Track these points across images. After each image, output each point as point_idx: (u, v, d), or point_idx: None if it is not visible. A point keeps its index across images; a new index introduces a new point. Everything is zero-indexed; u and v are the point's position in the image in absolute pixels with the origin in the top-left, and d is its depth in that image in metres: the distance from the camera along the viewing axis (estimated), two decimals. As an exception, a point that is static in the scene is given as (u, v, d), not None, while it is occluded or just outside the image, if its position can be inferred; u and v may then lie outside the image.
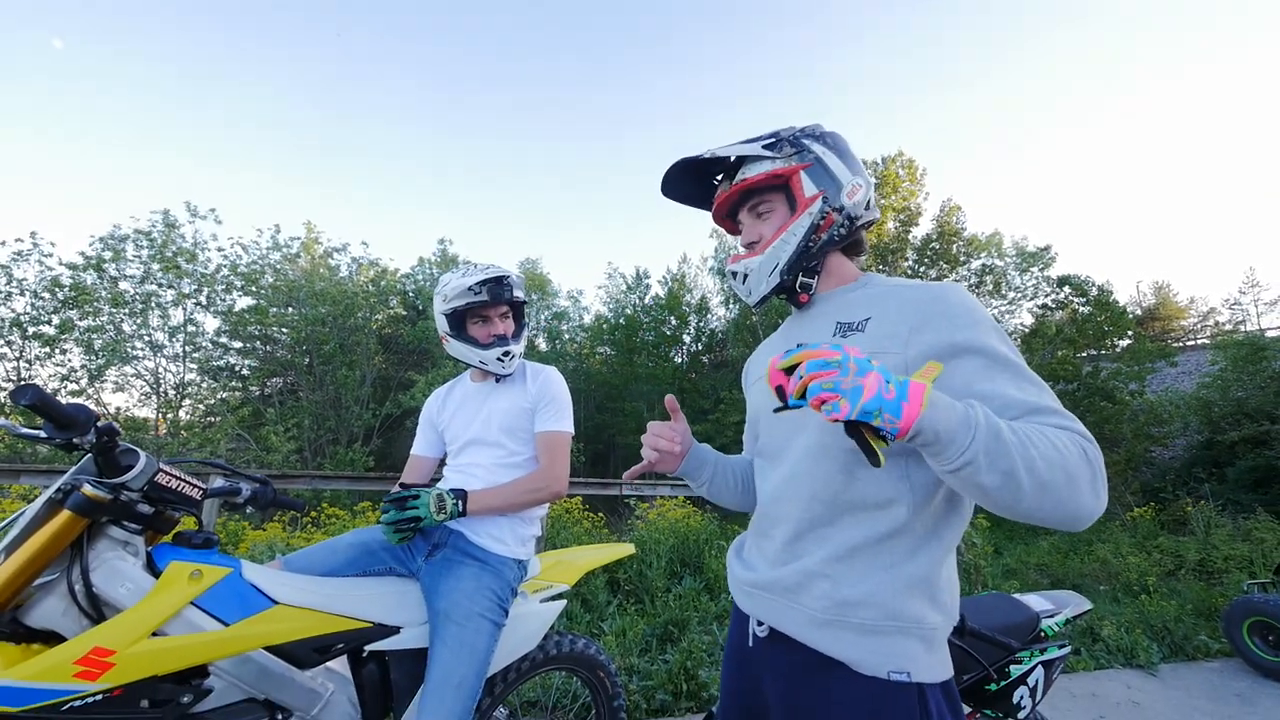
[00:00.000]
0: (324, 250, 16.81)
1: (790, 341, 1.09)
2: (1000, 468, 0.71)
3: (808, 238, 1.02)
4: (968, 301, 0.90)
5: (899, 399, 0.70)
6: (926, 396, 0.71)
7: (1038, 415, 0.79)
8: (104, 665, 1.02)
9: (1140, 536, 7.44)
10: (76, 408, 1.04)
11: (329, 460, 13.67)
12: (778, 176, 1.03)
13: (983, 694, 1.47)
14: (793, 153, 1.03)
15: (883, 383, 0.71)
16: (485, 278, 1.70)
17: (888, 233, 17.54)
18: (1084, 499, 0.74)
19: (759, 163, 1.04)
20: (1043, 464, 0.72)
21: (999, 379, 0.83)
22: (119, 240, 11.56)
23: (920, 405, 0.71)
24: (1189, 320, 30.28)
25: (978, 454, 0.71)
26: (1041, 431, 0.75)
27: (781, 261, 1.03)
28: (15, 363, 10.67)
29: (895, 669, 0.84)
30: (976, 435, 0.71)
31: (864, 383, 0.70)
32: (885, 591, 0.87)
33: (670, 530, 5.02)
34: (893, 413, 0.70)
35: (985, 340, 0.86)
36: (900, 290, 0.96)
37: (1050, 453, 0.73)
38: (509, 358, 1.74)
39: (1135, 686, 3.38)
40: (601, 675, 1.89)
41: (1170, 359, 13.47)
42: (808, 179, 1.02)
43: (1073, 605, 1.78)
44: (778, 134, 1.06)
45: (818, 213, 1.01)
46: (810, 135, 1.05)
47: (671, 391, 19.46)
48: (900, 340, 0.90)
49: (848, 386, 0.70)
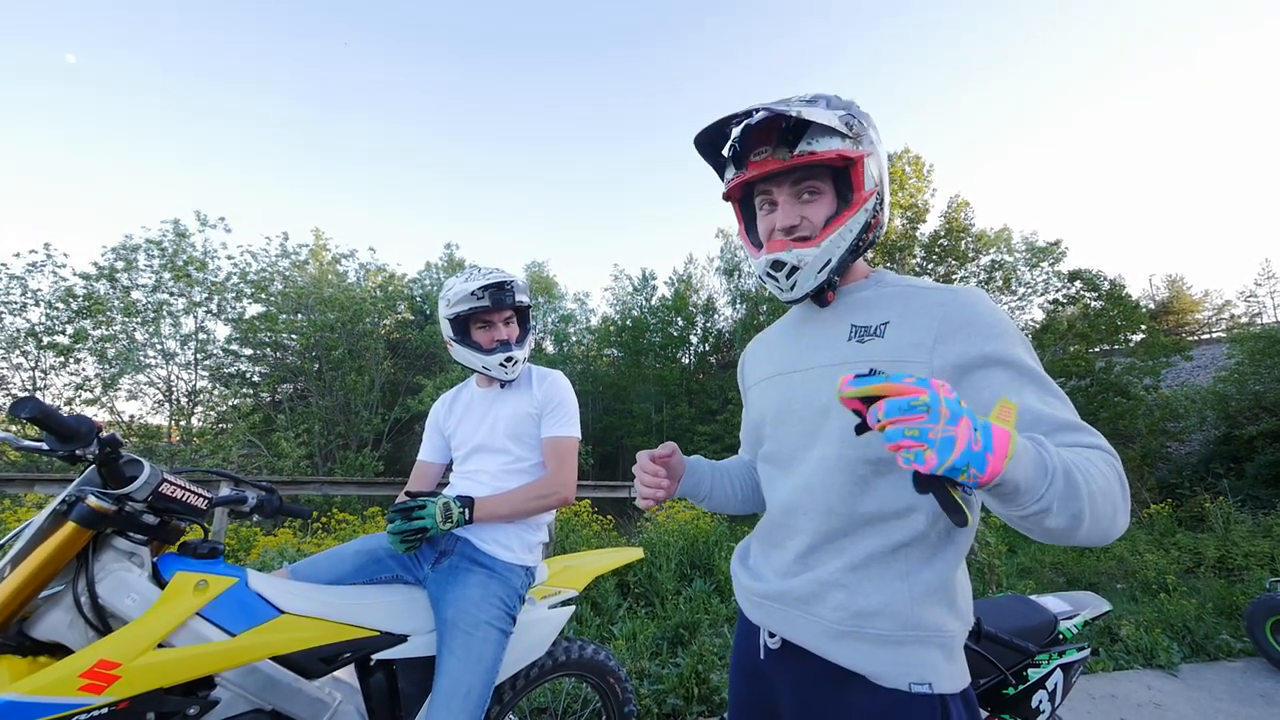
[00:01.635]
0: (332, 256, 16.95)
1: (802, 340, 1.03)
2: (1070, 510, 0.67)
3: (860, 235, 0.93)
4: (995, 310, 0.86)
5: (985, 449, 0.61)
6: (1013, 447, 0.63)
7: (1067, 433, 0.76)
8: (109, 678, 1.02)
9: (1158, 534, 7.32)
10: (78, 419, 1.04)
11: (339, 465, 13.75)
12: (845, 159, 0.89)
13: (1000, 698, 1.45)
14: (860, 133, 0.91)
15: (972, 431, 0.61)
16: (488, 283, 1.69)
17: (895, 229, 17.43)
18: (1120, 521, 0.73)
19: (829, 137, 0.89)
20: (1101, 499, 0.69)
21: (1026, 393, 0.80)
22: (131, 250, 11.72)
23: (1005, 457, 0.62)
24: (1204, 313, 29.89)
25: (1053, 501, 0.66)
26: (1090, 460, 0.72)
27: (834, 258, 0.93)
28: (31, 372, 10.82)
29: (916, 680, 0.82)
30: (1053, 483, 0.66)
31: (956, 433, 0.60)
32: (903, 600, 0.84)
33: (680, 532, 5.00)
34: (979, 467, 0.60)
35: (1012, 351, 0.82)
36: (921, 294, 0.91)
37: (1102, 483, 0.70)
38: (512, 363, 1.72)
39: (1156, 687, 3.32)
40: (611, 681, 1.88)
41: (1185, 353, 13.31)
42: (869, 169, 0.91)
43: (1091, 606, 1.75)
44: (844, 105, 0.93)
45: (871, 210, 0.93)
46: (864, 116, 0.93)
47: (679, 393, 19.56)
48: (925, 349, 0.85)
49: (937, 437, 0.59)
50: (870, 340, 0.90)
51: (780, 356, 1.07)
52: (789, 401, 1.00)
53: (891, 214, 15.39)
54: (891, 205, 9.26)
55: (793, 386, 1.01)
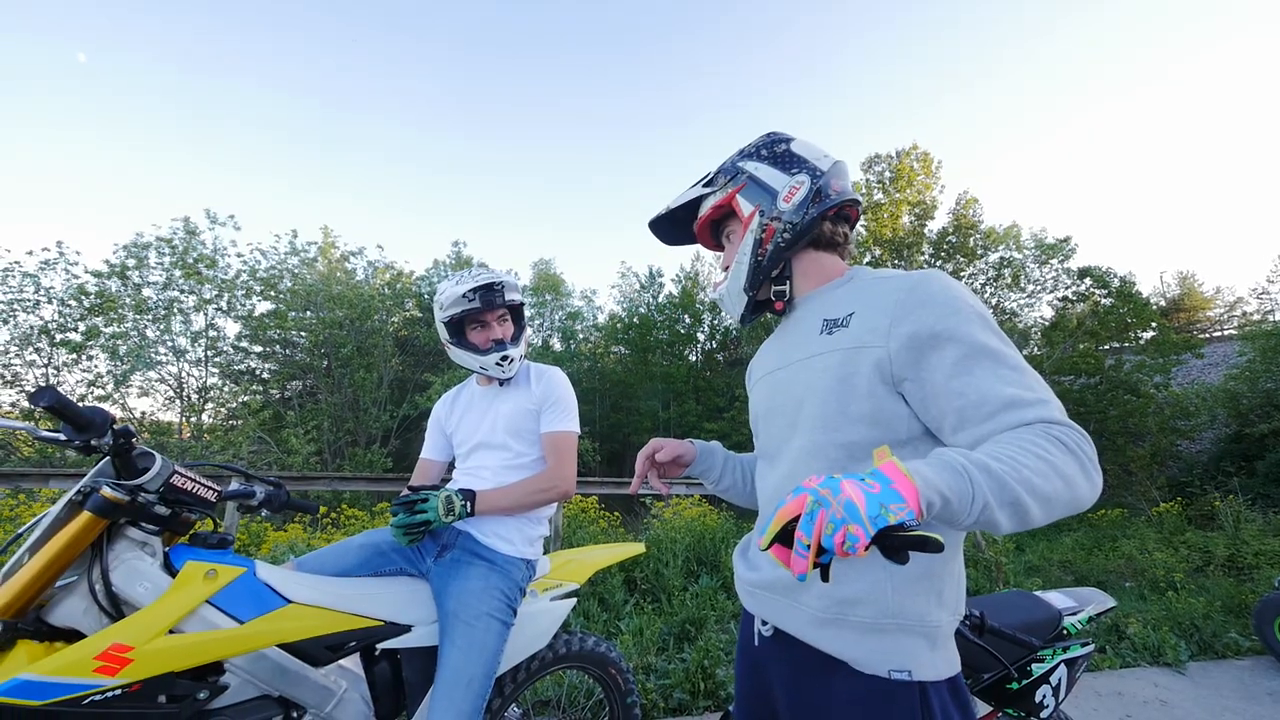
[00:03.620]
0: (340, 254, 17.04)
1: (785, 340, 1.11)
2: (1007, 499, 0.69)
3: (755, 253, 1.05)
4: (950, 289, 0.89)
5: (885, 484, 0.64)
6: (903, 468, 0.66)
7: (1014, 410, 0.78)
8: (122, 661, 1.05)
9: (1167, 532, 7.28)
10: (94, 410, 1.07)
11: (348, 462, 13.85)
12: (720, 208, 1.10)
13: (1004, 693, 1.45)
14: (727, 180, 1.09)
15: (859, 484, 0.64)
16: (477, 284, 1.70)
17: (903, 227, 17.34)
18: (1081, 491, 0.74)
19: (706, 200, 1.12)
20: (1039, 480, 0.70)
21: (977, 370, 0.82)
22: (142, 248, 11.83)
23: (906, 477, 0.65)
24: (1215, 310, 29.53)
25: (986, 498, 0.68)
26: (1020, 443, 0.73)
27: (742, 282, 1.07)
28: (44, 369, 10.94)
29: (895, 667, 0.83)
30: (973, 479, 0.68)
31: (849, 496, 0.63)
32: (885, 588, 0.86)
33: (686, 529, 5.01)
34: (895, 500, 0.63)
35: (963, 328, 0.84)
36: (883, 281, 0.96)
37: (1038, 464, 0.71)
38: (508, 361, 1.74)
39: (1163, 685, 3.31)
40: (613, 672, 1.89)
41: (1196, 350, 13.18)
42: (743, 200, 1.06)
43: (1096, 602, 1.75)
44: (720, 167, 1.13)
45: (758, 227, 1.04)
46: (746, 155, 1.10)
47: (686, 390, 19.57)
48: (881, 333, 0.89)
49: (841, 514, 0.62)
50: (837, 331, 0.96)
51: (769, 358, 1.15)
52: (773, 397, 1.08)
53: (898, 210, 15.25)
54: (899, 202, 9.23)
55: (777, 383, 1.08)
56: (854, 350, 0.91)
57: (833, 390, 0.91)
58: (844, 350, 0.92)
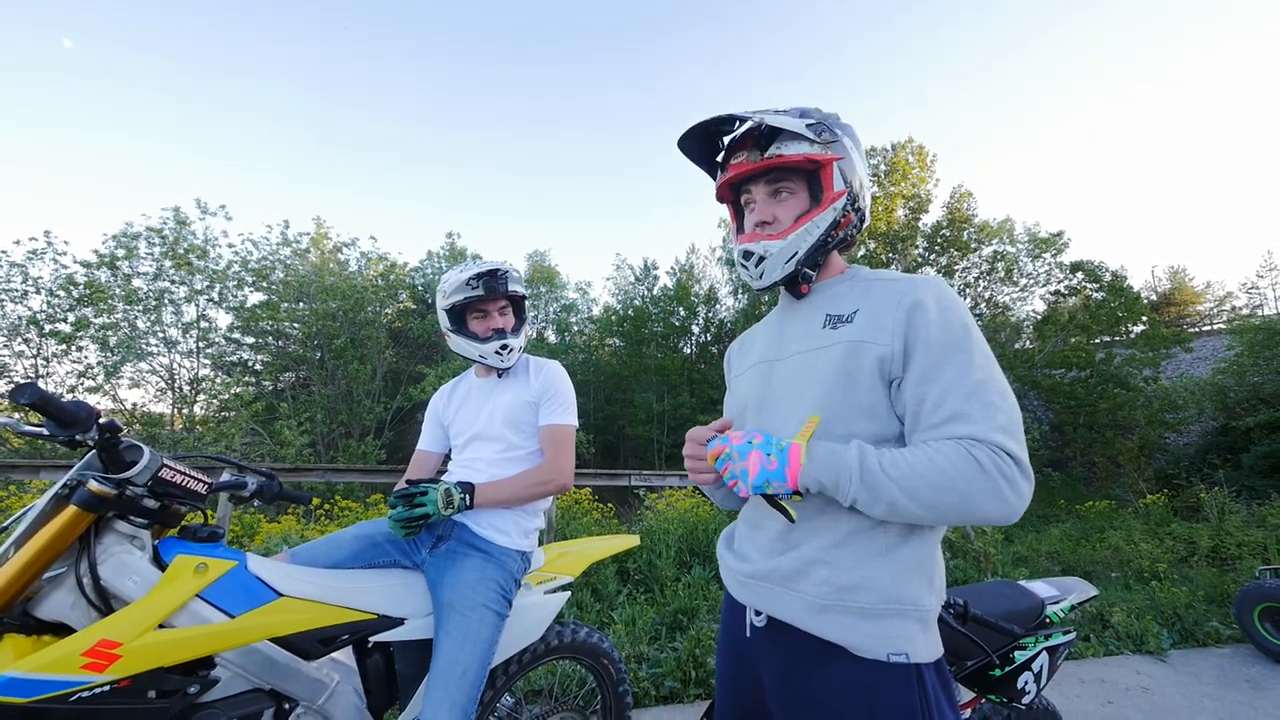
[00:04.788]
0: (333, 245, 16.89)
1: (784, 331, 1.11)
2: (883, 499, 0.83)
3: (828, 232, 1.01)
4: (942, 299, 0.93)
5: (781, 466, 0.88)
6: (803, 455, 0.87)
7: (956, 423, 0.84)
8: (111, 657, 1.04)
9: (1153, 523, 7.37)
10: (77, 404, 1.06)
11: (342, 454, 13.81)
12: (813, 162, 0.98)
13: (987, 679, 1.47)
14: (831, 140, 1.00)
15: (764, 458, 0.89)
16: (481, 271, 1.72)
17: (898, 220, 17.35)
18: (985, 507, 0.80)
19: (797, 142, 0.99)
20: (926, 490, 0.81)
21: (942, 378, 0.87)
22: (131, 238, 11.70)
23: (799, 464, 0.87)
24: (1205, 305, 29.78)
25: (858, 494, 0.84)
26: (931, 457, 0.82)
27: (800, 251, 1.02)
28: (33, 360, 10.84)
29: (894, 650, 0.86)
30: (852, 479, 0.84)
31: (747, 465, 0.90)
32: (884, 575, 0.89)
33: (679, 520, 5.04)
34: (778, 479, 0.87)
35: (945, 338, 0.89)
36: (885, 284, 0.99)
37: (935, 477, 0.80)
38: (508, 351, 1.75)
39: (1145, 673, 3.36)
40: (605, 662, 1.91)
41: (1185, 344, 13.29)
42: (839, 172, 1.00)
43: (1078, 591, 1.78)
44: (817, 115, 1.02)
45: (841, 209, 1.01)
46: (841, 127, 1.03)
47: (681, 382, 19.60)
48: (886, 332, 0.93)
49: (738, 471, 0.91)
50: (842, 326, 0.98)
51: (764, 347, 1.15)
52: (771, 387, 1.07)
53: (893, 204, 15.24)
54: (894, 196, 9.22)
55: (773, 373, 1.08)
56: (857, 344, 0.94)
57: (837, 383, 0.94)
58: (848, 344, 0.95)
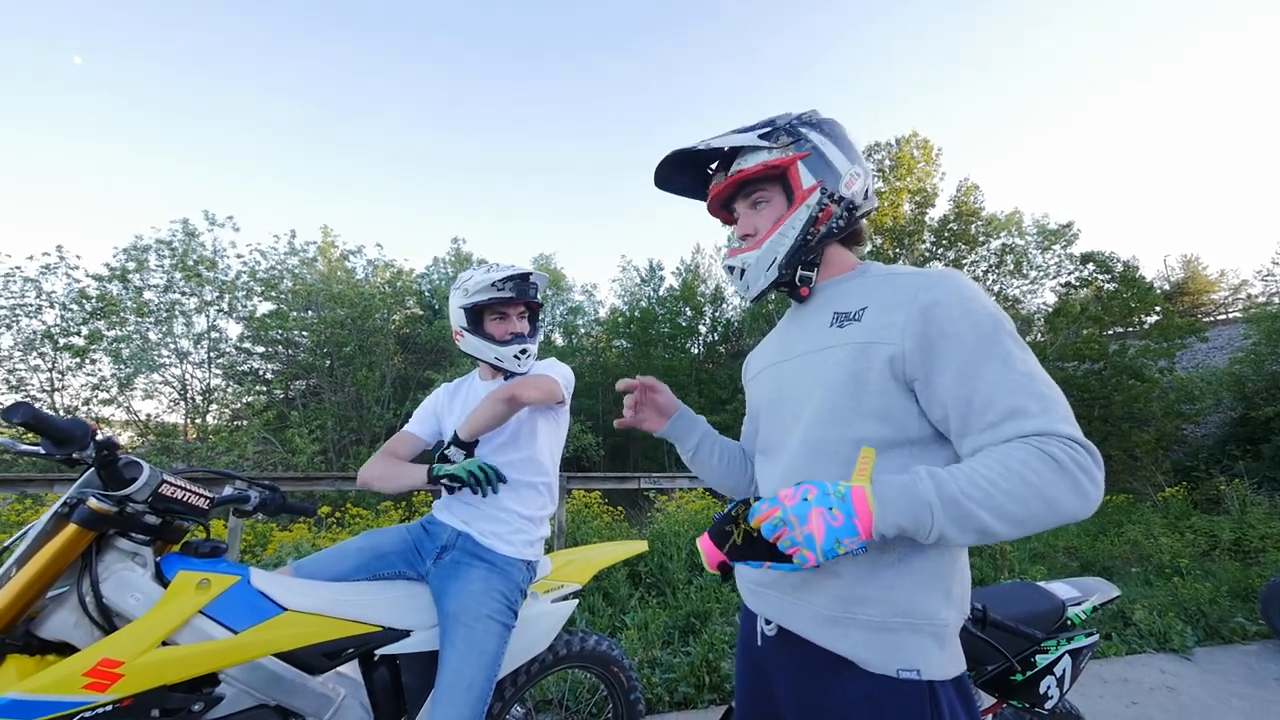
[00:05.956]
0: (340, 253, 17.02)
1: (791, 333, 1.08)
2: (971, 527, 0.74)
3: (806, 230, 0.99)
4: (964, 290, 0.86)
5: (848, 518, 0.75)
6: (871, 501, 0.76)
7: (1015, 420, 0.78)
8: (113, 676, 1.03)
9: (1172, 517, 7.24)
10: (73, 422, 1.05)
11: (353, 460, 13.86)
12: (774, 168, 0.99)
13: (1008, 684, 1.44)
14: (789, 142, 0.99)
15: (826, 514, 0.75)
16: (513, 274, 1.72)
17: (904, 215, 17.22)
18: (1067, 508, 0.74)
19: (755, 153, 1.01)
20: (1013, 505, 0.73)
21: (984, 375, 0.81)
22: (141, 250, 11.84)
23: (869, 513, 0.75)
24: (1220, 294, 29.31)
25: (944, 529, 0.74)
26: (1007, 464, 0.74)
27: (779, 256, 1.00)
28: (49, 373, 10.97)
29: (904, 666, 0.82)
30: (934, 514, 0.74)
31: (810, 529, 0.75)
32: (895, 587, 0.85)
33: (690, 522, 5.01)
34: (849, 535, 0.75)
35: (975, 331, 0.83)
36: (897, 279, 0.93)
37: (1019, 488, 0.73)
38: (526, 355, 1.75)
39: (1169, 671, 3.29)
40: (616, 670, 1.88)
41: (1201, 334, 13.06)
42: (805, 169, 0.98)
43: (1100, 592, 1.74)
44: (773, 122, 1.02)
45: (816, 204, 0.98)
46: (807, 123, 1.01)
47: (689, 383, 19.54)
48: (896, 330, 0.87)
49: (799, 538, 0.76)
50: (849, 325, 0.94)
51: (774, 350, 1.12)
52: (780, 390, 1.05)
53: (898, 199, 15.07)
54: (899, 190, 9.12)
55: (782, 375, 1.05)
56: (866, 345, 0.89)
57: (844, 385, 0.90)
58: (856, 344, 0.90)
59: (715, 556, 0.83)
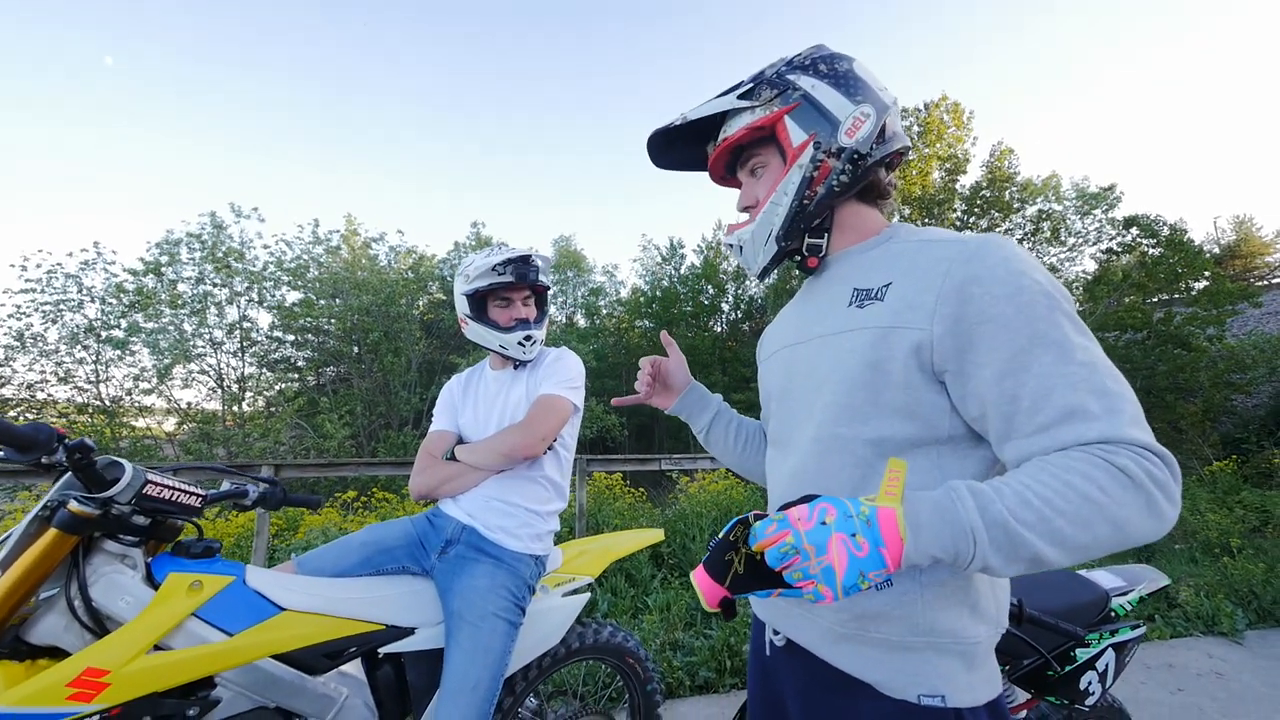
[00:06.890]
0: (363, 241, 17.18)
1: (807, 310, 0.95)
2: (1022, 557, 0.61)
3: (801, 194, 0.86)
4: (1011, 261, 0.71)
5: (874, 546, 0.61)
6: (902, 527, 0.62)
7: (1074, 423, 0.64)
8: (98, 685, 1.00)
9: (1221, 492, 6.93)
10: (35, 427, 1.01)
11: (382, 444, 14.13)
12: (759, 129, 0.88)
13: (1044, 680, 1.35)
14: (774, 95, 0.87)
15: (849, 541, 0.61)
16: (511, 257, 1.64)
17: (933, 183, 16.63)
18: (1140, 531, 0.62)
19: (737, 116, 0.90)
20: (1074, 529, 0.60)
21: (1035, 367, 0.67)
22: (173, 244, 12.13)
23: (900, 540, 0.62)
24: (1276, 255, 27.83)
25: (988, 559, 0.61)
26: (1066, 480, 0.61)
27: (775, 227, 0.89)
28: (94, 365, 11.36)
29: (926, 691, 0.73)
30: (978, 541, 0.61)
31: (830, 560, 0.61)
32: (913, 601, 0.75)
33: (712, 503, 4.96)
34: (876, 567, 0.61)
35: (1024, 312, 0.69)
36: (929, 247, 0.79)
37: (1081, 508, 0.60)
38: (531, 342, 1.68)
39: (1218, 656, 3.14)
40: (631, 661, 1.83)
41: (1254, 299, 12.39)
42: (793, 124, 0.85)
43: (1147, 581, 1.62)
44: (760, 75, 0.90)
45: (809, 162, 0.84)
46: (799, 67, 0.88)
47: (712, 361, 19.38)
48: (926, 312, 0.74)
49: (817, 571, 0.61)
50: (870, 304, 0.80)
51: (788, 329, 0.99)
52: (791, 377, 0.93)
53: (928, 166, 14.49)
54: (928, 157, 8.72)
55: (795, 360, 0.93)
56: (888, 330, 0.76)
57: (861, 376, 0.78)
58: (876, 329, 0.77)
59: (715, 592, 0.69)
